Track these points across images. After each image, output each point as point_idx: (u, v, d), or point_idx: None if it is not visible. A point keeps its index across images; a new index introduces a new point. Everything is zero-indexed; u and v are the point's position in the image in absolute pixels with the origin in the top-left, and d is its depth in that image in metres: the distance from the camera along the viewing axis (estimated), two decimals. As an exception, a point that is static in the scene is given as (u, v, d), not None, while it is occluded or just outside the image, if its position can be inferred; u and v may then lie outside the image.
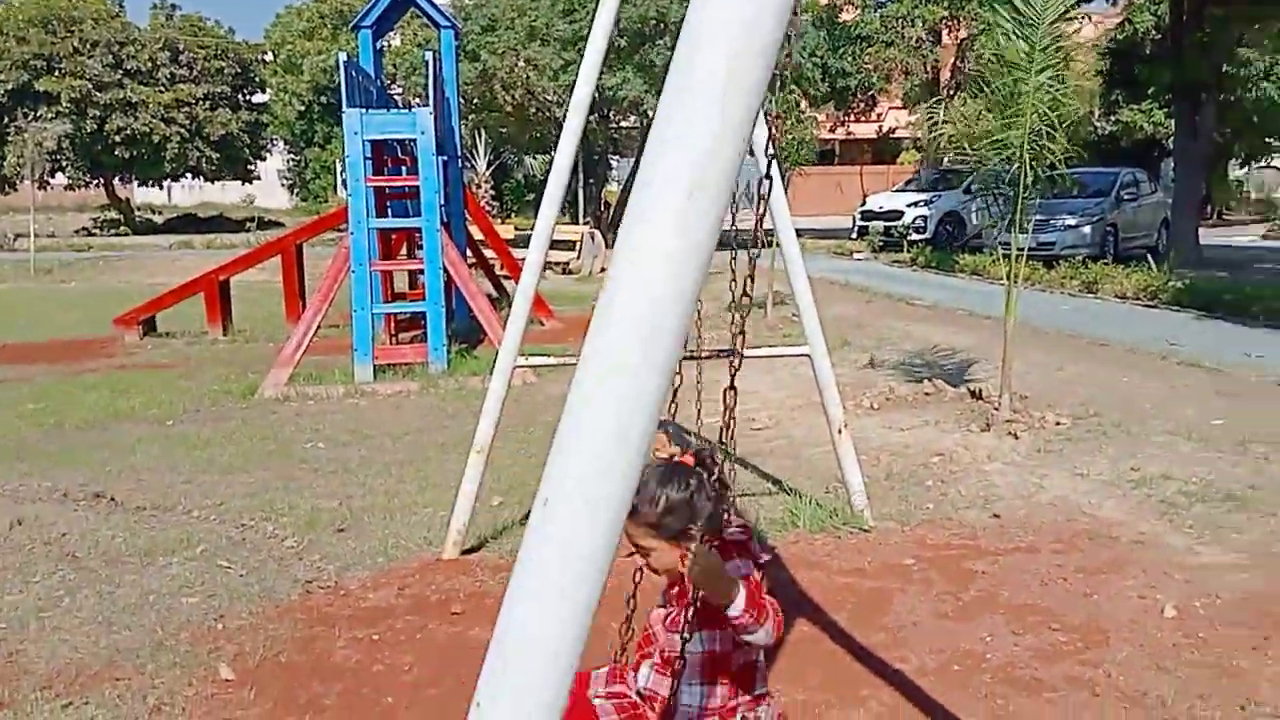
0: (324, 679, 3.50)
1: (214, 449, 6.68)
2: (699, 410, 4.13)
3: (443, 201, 10.74)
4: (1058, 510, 5.13)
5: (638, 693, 2.30)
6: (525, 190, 38.81)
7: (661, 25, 22.53)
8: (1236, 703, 3.17)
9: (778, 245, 5.20)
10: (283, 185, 43.55)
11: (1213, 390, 7.29)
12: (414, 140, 10.13)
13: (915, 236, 21.22)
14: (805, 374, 8.78)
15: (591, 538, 1.13)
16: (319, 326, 8.99)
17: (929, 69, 25.91)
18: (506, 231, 20.03)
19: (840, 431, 4.96)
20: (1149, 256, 16.10)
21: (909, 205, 22.13)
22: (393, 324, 10.99)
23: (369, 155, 9.44)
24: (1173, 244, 17.65)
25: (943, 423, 6.92)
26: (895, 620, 3.93)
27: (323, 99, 34.06)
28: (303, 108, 36.30)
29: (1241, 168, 33.33)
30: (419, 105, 11.49)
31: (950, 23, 26.33)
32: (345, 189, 10.03)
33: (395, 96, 22.95)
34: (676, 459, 2.26)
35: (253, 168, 37.82)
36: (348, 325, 11.30)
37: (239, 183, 38.71)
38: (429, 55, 10.79)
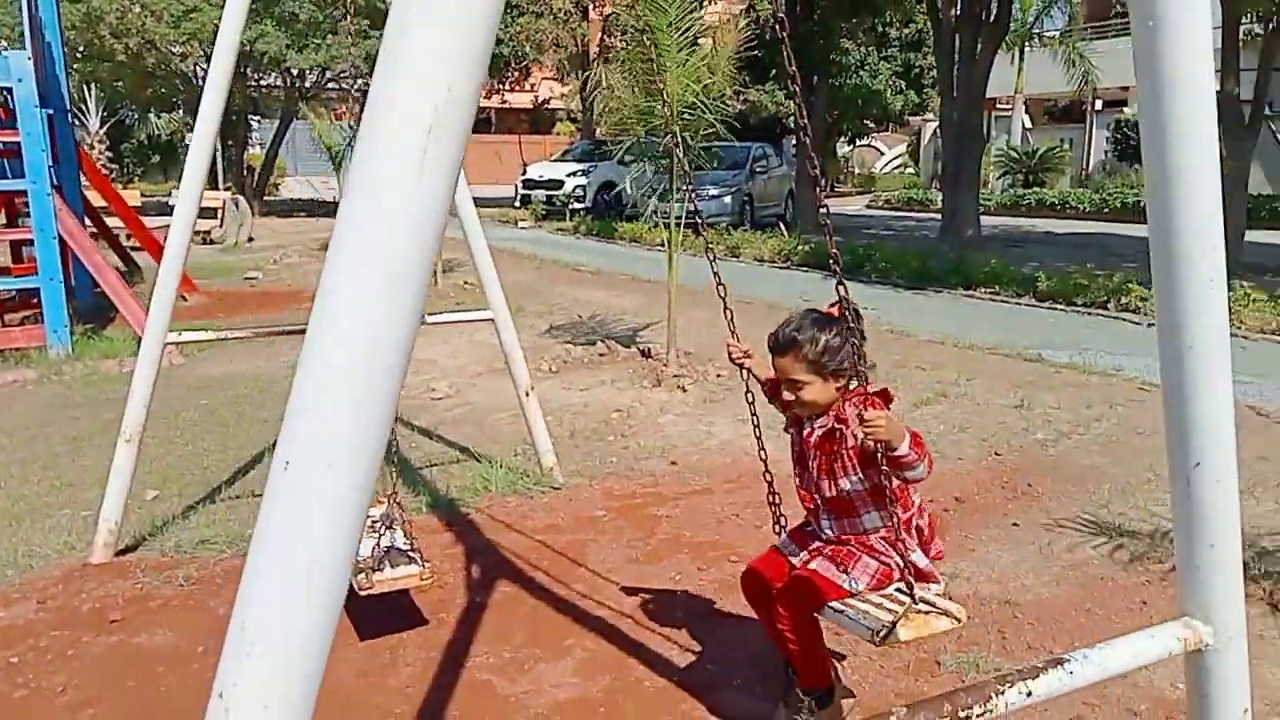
0: (-51, 718, 2.96)
1: None
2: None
3: (51, 162, 9.32)
4: (725, 453, 5.57)
5: (829, 542, 2.65)
6: (150, 152, 34.78)
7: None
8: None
9: (453, 213, 5.10)
10: None
11: (841, 339, 8.28)
12: (8, 89, 8.69)
13: (576, 205, 21.86)
14: (481, 340, 8.81)
15: (339, 499, 1.05)
16: (-105, 308, 7.48)
17: (578, 42, 26.64)
18: (132, 197, 17.89)
19: (527, 394, 5.01)
20: (780, 223, 17.88)
21: (569, 175, 22.71)
22: (-4, 304, 9.40)
23: (-52, 104, 7.97)
24: (799, 212, 19.72)
25: (618, 381, 7.23)
26: (591, 570, 4.06)
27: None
28: None
29: (848, 146, 37.94)
30: (10, 49, 9.83)
31: (596, -1, 27.27)
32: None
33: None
34: (823, 310, 2.59)
35: None
36: (-70, 308, 9.56)
37: None
38: (26, -12, 9.26)
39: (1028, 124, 31.65)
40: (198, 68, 23.68)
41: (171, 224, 4.17)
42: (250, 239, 18.82)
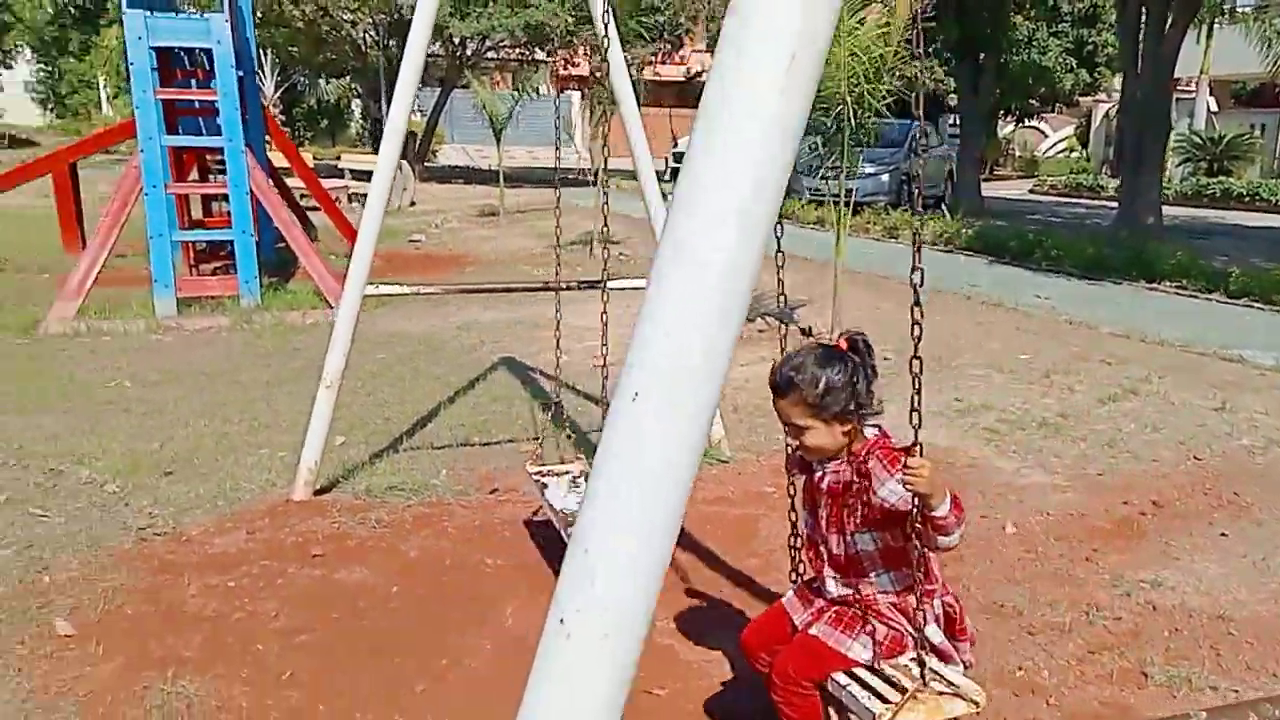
0: (179, 630, 3.19)
1: (-4, 388, 5.92)
2: (558, 340, 4.09)
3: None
4: (896, 437, 5.41)
5: (834, 602, 2.39)
6: (319, 116, 36.56)
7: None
8: (1080, 609, 3.47)
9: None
10: (33, 99, 38.73)
11: (1014, 327, 7.94)
12: (206, 51, 9.26)
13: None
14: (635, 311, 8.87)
15: (681, 432, 1.05)
16: (109, 254, 8.09)
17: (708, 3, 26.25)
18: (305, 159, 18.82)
19: (701, 364, 5.00)
20: (941, 205, 17.25)
21: (719, 148, 22.50)
22: (191, 254, 10.06)
23: (154, 65, 8.52)
24: (960, 194, 18.97)
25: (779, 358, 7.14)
26: (765, 545, 4.04)
27: (78, 2, 30.21)
28: (54, 10, 32.07)
29: (1016, 126, 36.24)
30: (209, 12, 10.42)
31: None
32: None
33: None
34: (830, 342, 2.36)
35: (-7, 78, 33.50)
36: (136, 255, 10.33)
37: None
38: (227, -45, 9.77)
39: (1213, 107, 29.44)
40: (366, 35, 24.68)
41: (371, 185, 4.33)
42: (412, 203, 19.53)
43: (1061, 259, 11.43)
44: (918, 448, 2.06)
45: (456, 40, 24.09)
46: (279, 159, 12.56)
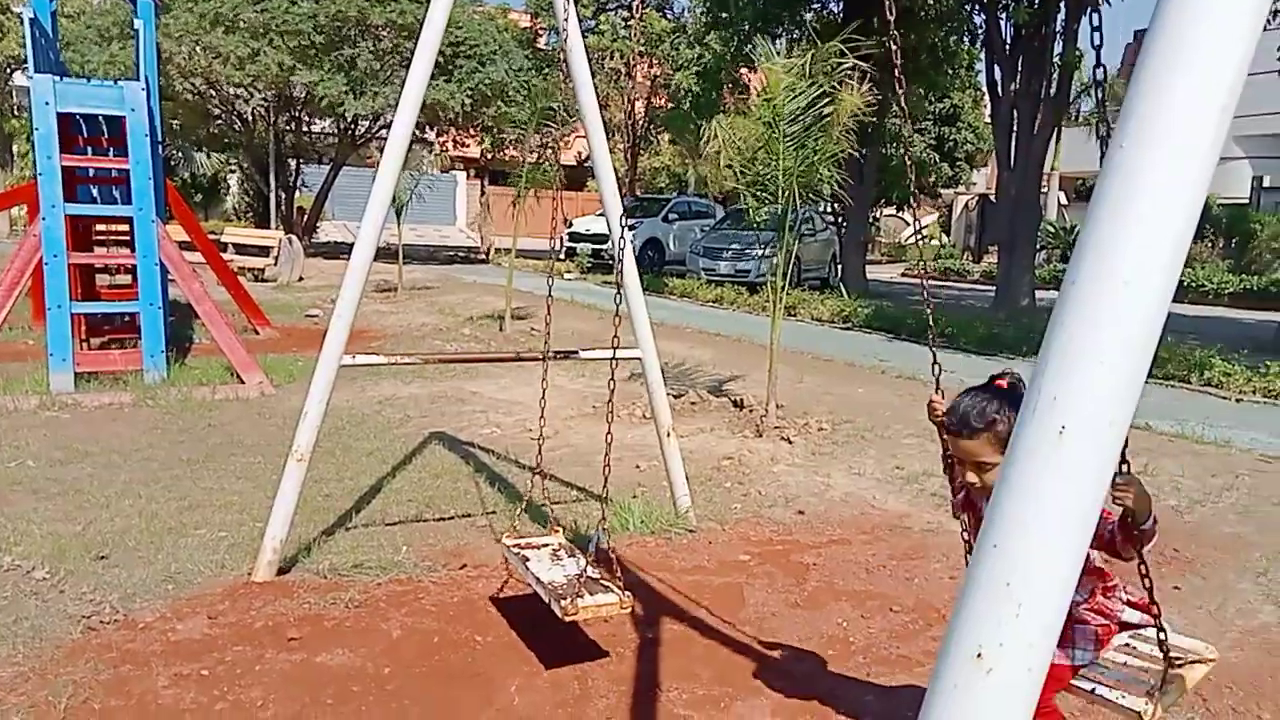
0: (160, 726, 2.92)
1: (-119, 470, 5.38)
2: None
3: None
4: (850, 505, 5.52)
5: None
6: (193, 190, 35.27)
7: (362, 27, 21.57)
8: (1071, 660, 3.57)
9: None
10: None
11: (932, 399, 8.24)
12: (108, 118, 8.94)
13: (622, 260, 21.98)
14: (567, 386, 8.82)
15: (1104, 460, 1.11)
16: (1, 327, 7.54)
17: (626, 100, 27.14)
18: (178, 233, 18.10)
19: (668, 434, 5.01)
20: (842, 286, 17.93)
21: (615, 229, 22.88)
22: (83, 328, 9.46)
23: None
24: (847, 276, 19.79)
25: (717, 429, 7.21)
26: (754, 613, 4.02)
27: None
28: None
29: (881, 214, 38.28)
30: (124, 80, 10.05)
31: (642, 60, 27.80)
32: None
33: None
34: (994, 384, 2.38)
35: None
36: (19, 328, 9.69)
37: None
38: (139, 23, 9.50)
39: (1063, 201, 31.93)
40: (256, 110, 24.21)
41: (351, 261, 4.16)
42: (300, 278, 19.02)
43: (956, 336, 12.03)
44: (1127, 465, 2.00)
45: (349, 118, 23.89)
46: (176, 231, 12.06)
